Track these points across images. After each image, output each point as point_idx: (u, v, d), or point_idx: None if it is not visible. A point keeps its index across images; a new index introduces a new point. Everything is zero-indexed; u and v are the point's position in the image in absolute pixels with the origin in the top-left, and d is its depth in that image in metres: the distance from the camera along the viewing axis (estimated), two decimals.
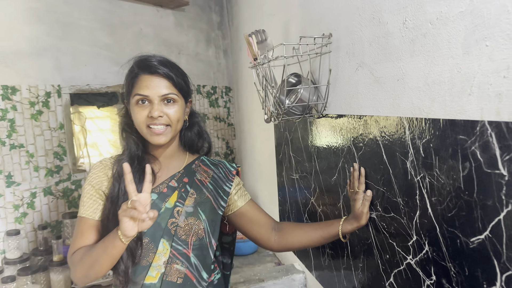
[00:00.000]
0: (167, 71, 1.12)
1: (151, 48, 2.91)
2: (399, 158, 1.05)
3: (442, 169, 0.90)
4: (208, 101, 3.27)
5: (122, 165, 0.99)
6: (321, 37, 1.42)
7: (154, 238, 1.12)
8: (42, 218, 2.43)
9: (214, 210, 1.21)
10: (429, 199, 0.95)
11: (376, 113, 1.16)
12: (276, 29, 2.01)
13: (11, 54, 2.30)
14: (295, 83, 1.54)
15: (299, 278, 1.96)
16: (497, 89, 0.74)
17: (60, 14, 2.49)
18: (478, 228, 0.81)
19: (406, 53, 1.00)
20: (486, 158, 0.77)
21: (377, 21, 1.12)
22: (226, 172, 1.29)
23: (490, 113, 0.76)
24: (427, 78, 0.93)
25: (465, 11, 0.80)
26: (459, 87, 0.83)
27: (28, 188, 2.36)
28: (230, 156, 3.42)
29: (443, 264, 0.93)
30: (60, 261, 2.18)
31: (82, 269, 1.05)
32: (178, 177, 1.21)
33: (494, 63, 0.74)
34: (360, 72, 1.23)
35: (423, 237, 0.99)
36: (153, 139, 1.12)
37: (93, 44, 2.64)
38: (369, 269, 1.29)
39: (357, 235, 1.34)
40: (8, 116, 2.28)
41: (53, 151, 2.47)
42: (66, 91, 2.53)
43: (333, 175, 1.48)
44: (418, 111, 0.97)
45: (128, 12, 2.82)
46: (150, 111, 1.10)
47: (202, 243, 1.17)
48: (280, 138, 2.14)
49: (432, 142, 0.92)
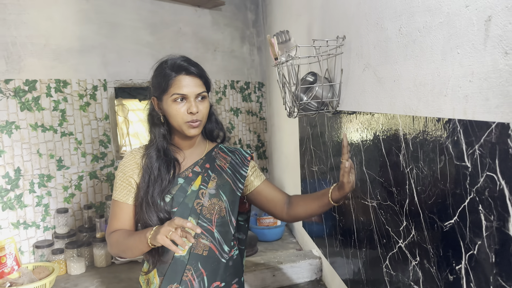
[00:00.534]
0: (199, 71, 1.28)
1: (189, 45, 3.11)
2: (394, 151, 1.17)
3: (425, 162, 1.01)
4: (241, 96, 3.44)
5: (187, 224, 1.08)
6: (335, 40, 1.55)
7: (182, 216, 1.27)
8: (88, 199, 2.70)
9: (233, 192, 1.37)
10: (416, 189, 1.06)
11: (377, 110, 1.27)
12: (302, 29, 2.14)
13: (64, 51, 2.56)
14: (312, 82, 1.67)
15: (315, 263, 2.09)
16: (465, 91, 0.84)
17: (107, 14, 2.73)
18: (450, 214, 0.92)
19: (401, 56, 1.11)
20: (456, 152, 0.88)
21: (380, 26, 1.23)
22: (242, 158, 1.44)
23: (460, 112, 0.86)
24: (415, 80, 1.04)
25: (443, 22, 0.91)
26: (438, 89, 0.94)
27: (76, 171, 2.64)
28: (261, 149, 3.58)
29: (424, 246, 1.04)
30: (102, 238, 2.44)
31: (117, 250, 1.27)
32: (200, 163, 1.36)
33: (463, 68, 0.84)
34: (366, 72, 1.35)
35: (411, 222, 1.10)
36: (190, 131, 1.27)
37: (136, 42, 2.88)
38: (370, 254, 1.41)
39: (361, 222, 1.46)
40: (60, 107, 2.56)
41: (99, 139, 2.73)
42: (111, 85, 2.78)
43: None
44: (408, 109, 1.08)
45: (169, 12, 3.03)
46: (188, 107, 1.24)
47: (224, 221, 1.33)
48: (303, 132, 2.28)
49: (418, 137, 1.04)
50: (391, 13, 1.15)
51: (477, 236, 0.83)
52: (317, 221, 2.10)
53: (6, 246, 2.19)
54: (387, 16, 1.18)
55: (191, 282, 1.26)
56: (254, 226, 2.72)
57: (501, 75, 0.73)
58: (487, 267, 0.80)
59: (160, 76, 1.27)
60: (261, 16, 3.46)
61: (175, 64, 1.26)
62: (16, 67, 2.39)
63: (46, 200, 2.52)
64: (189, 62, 1.28)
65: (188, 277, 1.26)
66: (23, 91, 2.42)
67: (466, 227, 0.86)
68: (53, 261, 2.36)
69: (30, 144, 2.46)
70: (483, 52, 0.78)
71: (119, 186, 1.31)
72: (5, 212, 2.37)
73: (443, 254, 0.96)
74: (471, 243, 0.85)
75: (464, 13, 0.83)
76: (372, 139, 1.33)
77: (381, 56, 1.23)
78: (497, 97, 0.75)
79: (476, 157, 0.81)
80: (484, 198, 0.79)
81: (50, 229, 2.54)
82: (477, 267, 0.84)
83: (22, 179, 2.43)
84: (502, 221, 0.75)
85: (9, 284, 2.07)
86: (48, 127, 2.52)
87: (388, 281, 1.28)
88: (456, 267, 0.91)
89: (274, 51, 1.69)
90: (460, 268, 0.89)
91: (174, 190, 1.29)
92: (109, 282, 2.22)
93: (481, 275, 0.83)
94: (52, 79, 2.52)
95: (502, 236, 0.75)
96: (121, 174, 1.31)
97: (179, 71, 1.25)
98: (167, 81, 1.25)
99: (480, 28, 0.78)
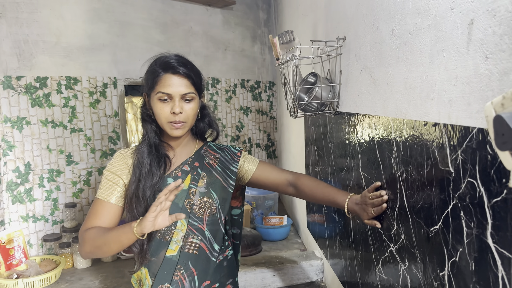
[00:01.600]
0: (187, 71, 1.25)
1: (199, 44, 3.13)
2: (387, 154, 1.16)
3: (414, 166, 1.00)
4: (252, 95, 3.44)
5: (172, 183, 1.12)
6: (335, 41, 1.53)
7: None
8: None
9: (224, 189, 1.36)
10: (405, 192, 1.05)
11: (372, 113, 1.26)
12: (307, 29, 2.13)
13: (75, 49, 2.61)
14: (313, 82, 1.66)
15: (316, 264, 2.09)
16: (449, 95, 0.83)
17: (118, 13, 2.77)
18: (435, 219, 0.90)
19: (393, 59, 1.10)
20: (441, 157, 0.87)
21: (376, 28, 1.22)
22: (231, 154, 1.43)
23: (444, 116, 0.85)
24: (406, 82, 1.02)
25: (431, 25, 0.89)
26: (426, 92, 0.92)
27: (85, 167, 2.69)
28: (271, 148, 3.57)
29: (412, 251, 1.03)
30: None
31: (91, 247, 1.18)
32: (189, 162, 1.35)
33: (448, 72, 0.83)
34: (363, 74, 1.34)
35: (401, 226, 1.09)
36: (172, 132, 1.27)
37: (147, 40, 2.91)
38: (365, 257, 1.39)
39: (357, 225, 1.45)
40: (70, 104, 2.61)
41: (108, 136, 2.78)
42: (121, 82, 2.82)
43: (343, 169, 1.59)
44: (399, 112, 1.07)
45: (180, 11, 3.05)
46: (172, 107, 1.24)
47: (214, 219, 1.33)
48: (308, 132, 2.27)
49: (408, 141, 1.02)
50: (386, 14, 1.14)
51: (459, 243, 0.81)
52: (320, 222, 2.10)
53: (15, 239, 2.25)
54: (382, 17, 1.17)
55: (182, 282, 1.26)
56: (259, 225, 2.73)
57: (481, 79, 0.72)
58: (468, 275, 0.79)
59: (150, 72, 1.28)
60: (273, 16, 3.46)
61: (164, 62, 1.25)
62: (27, 64, 2.45)
63: (55, 194, 2.58)
64: (179, 62, 1.26)
65: (179, 277, 1.26)
66: (34, 87, 2.48)
67: (449, 233, 0.85)
68: (60, 254, 2.41)
69: (40, 139, 2.52)
70: (466, 56, 0.76)
71: (104, 185, 1.28)
72: (15, 205, 2.44)
73: (429, 260, 0.94)
74: (453, 250, 0.84)
75: (450, 15, 0.81)
76: (368, 141, 1.31)
77: (376, 58, 1.22)
78: (478, 102, 0.73)
79: (458, 163, 0.80)
80: (465, 204, 0.78)
81: (58, 223, 2.60)
82: (458, 274, 0.82)
83: (32, 174, 2.49)
84: (481, 228, 0.73)
85: (16, 275, 2.13)
86: (58, 123, 2.57)
87: (381, 285, 1.26)
88: (440, 273, 0.90)
89: (276, 51, 1.69)
90: (444, 275, 0.88)
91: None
92: (114, 276, 2.26)
93: (462, 283, 0.81)
94: (62, 76, 2.57)
95: (481, 244, 0.74)
96: (107, 173, 1.29)
97: (166, 70, 1.24)
98: (154, 78, 1.25)
99: (463, 32, 0.77)
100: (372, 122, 1.26)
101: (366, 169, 1.34)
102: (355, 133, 1.44)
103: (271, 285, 2.04)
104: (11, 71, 2.41)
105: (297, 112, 1.61)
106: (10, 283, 2.05)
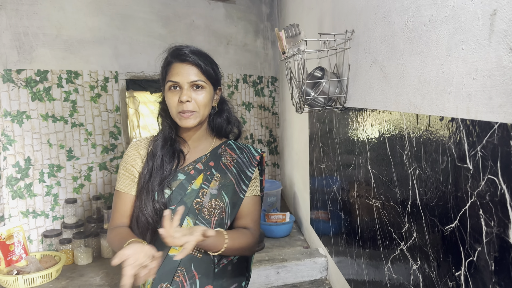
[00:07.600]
0: (196, 59, 1.21)
1: (201, 38, 3.10)
2: (398, 150, 1.13)
3: (428, 162, 0.97)
4: (254, 90, 3.41)
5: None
6: (343, 34, 1.50)
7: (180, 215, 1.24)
8: (97, 190, 2.72)
9: (236, 194, 1.29)
10: (418, 190, 1.02)
11: (383, 108, 1.23)
12: (313, 22, 2.10)
13: (76, 42, 2.57)
14: (320, 77, 1.63)
15: (321, 262, 2.06)
16: (468, 89, 0.80)
17: (119, 6, 2.73)
18: (450, 217, 0.88)
19: (407, 52, 1.06)
20: (458, 153, 0.84)
21: (387, 20, 1.18)
22: (250, 157, 1.35)
23: (463, 111, 0.82)
24: (420, 76, 0.99)
25: (449, 16, 0.86)
26: (442, 86, 0.89)
27: (85, 162, 2.66)
28: (273, 144, 3.54)
29: (425, 250, 1.00)
30: None
31: (112, 248, 1.26)
32: (204, 160, 1.30)
33: (467, 65, 0.80)
34: (373, 68, 1.30)
35: (412, 224, 1.06)
36: (181, 122, 1.22)
37: (149, 34, 2.87)
38: (373, 255, 1.37)
39: (366, 222, 1.42)
40: (71, 98, 2.58)
41: (109, 131, 2.75)
42: (123, 77, 2.78)
43: (350, 165, 1.56)
44: (413, 107, 1.04)
45: (182, 5, 3.01)
46: (180, 96, 1.20)
47: (222, 223, 1.27)
48: (312, 128, 2.24)
49: (422, 136, 0.99)
50: (398, 6, 1.10)
51: (477, 242, 0.79)
52: (324, 219, 2.07)
53: (15, 235, 2.22)
54: (394, 9, 1.14)
55: (183, 283, 1.22)
56: (262, 222, 2.70)
57: (505, 72, 0.69)
58: (486, 275, 0.76)
59: (163, 64, 1.26)
60: (276, 10, 3.42)
61: (174, 52, 1.23)
62: (28, 57, 2.41)
63: (56, 190, 2.55)
64: (190, 50, 1.22)
65: (180, 278, 1.22)
66: (35, 81, 2.44)
67: (466, 232, 0.82)
68: (60, 250, 2.38)
69: (41, 134, 2.48)
70: (487, 48, 0.73)
71: (122, 176, 1.28)
72: (14, 200, 2.40)
73: (443, 259, 0.92)
74: (471, 249, 0.81)
75: (470, 6, 0.78)
76: (377, 137, 1.28)
77: (388, 51, 1.19)
78: (501, 96, 0.70)
79: (478, 159, 0.77)
80: (485, 202, 0.75)
81: (58, 218, 2.57)
82: (476, 274, 0.80)
83: (32, 169, 2.46)
84: (502, 227, 0.71)
85: (16, 271, 2.10)
86: (58, 118, 2.54)
87: (390, 284, 1.24)
88: (455, 273, 0.87)
89: (282, 45, 1.66)
90: (460, 275, 0.85)
91: (174, 186, 1.24)
92: (115, 273, 2.23)
93: (480, 283, 0.78)
94: (63, 69, 2.54)
95: (502, 243, 0.71)
96: (123, 164, 1.29)
97: (175, 58, 1.22)
98: (165, 68, 1.23)
99: (485, 23, 0.74)
100: (382, 117, 1.23)
101: (375, 166, 1.31)
102: (363, 129, 1.40)
103: (274, 283, 2.02)
104: (11, 64, 2.37)
105: (303, 108, 1.58)
106: (10, 279, 2.02)
